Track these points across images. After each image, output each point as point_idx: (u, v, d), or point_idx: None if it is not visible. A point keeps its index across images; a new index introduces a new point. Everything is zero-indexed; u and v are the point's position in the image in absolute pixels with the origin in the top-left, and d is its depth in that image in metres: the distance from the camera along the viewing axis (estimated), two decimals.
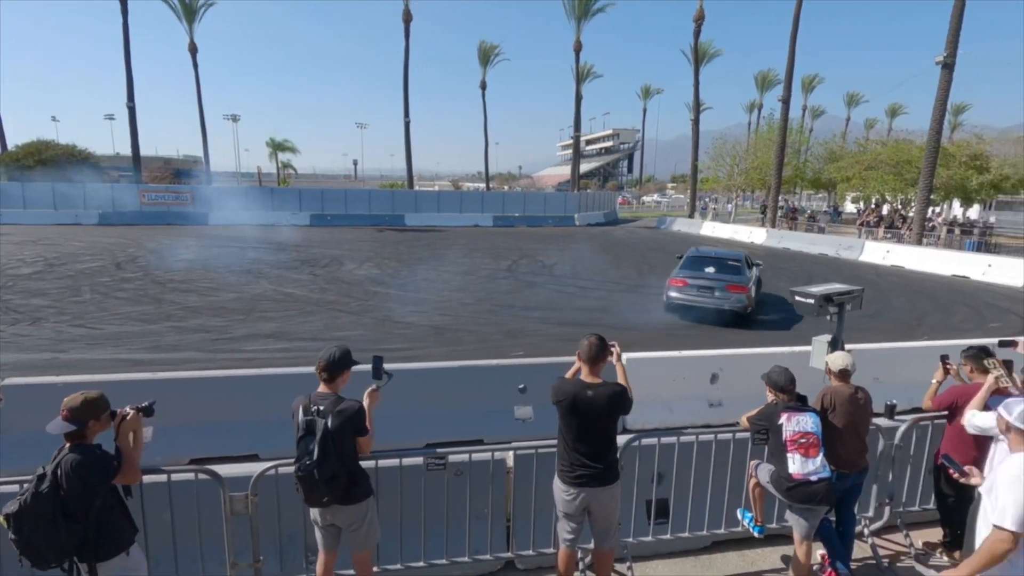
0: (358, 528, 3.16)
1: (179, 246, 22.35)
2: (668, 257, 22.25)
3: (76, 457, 2.59)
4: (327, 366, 3.08)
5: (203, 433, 5.61)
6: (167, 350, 8.96)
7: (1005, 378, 3.77)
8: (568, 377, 3.57)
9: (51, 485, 2.51)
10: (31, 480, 2.56)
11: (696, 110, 42.74)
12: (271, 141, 69.89)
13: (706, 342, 9.72)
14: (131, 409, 2.87)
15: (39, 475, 2.54)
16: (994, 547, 2.45)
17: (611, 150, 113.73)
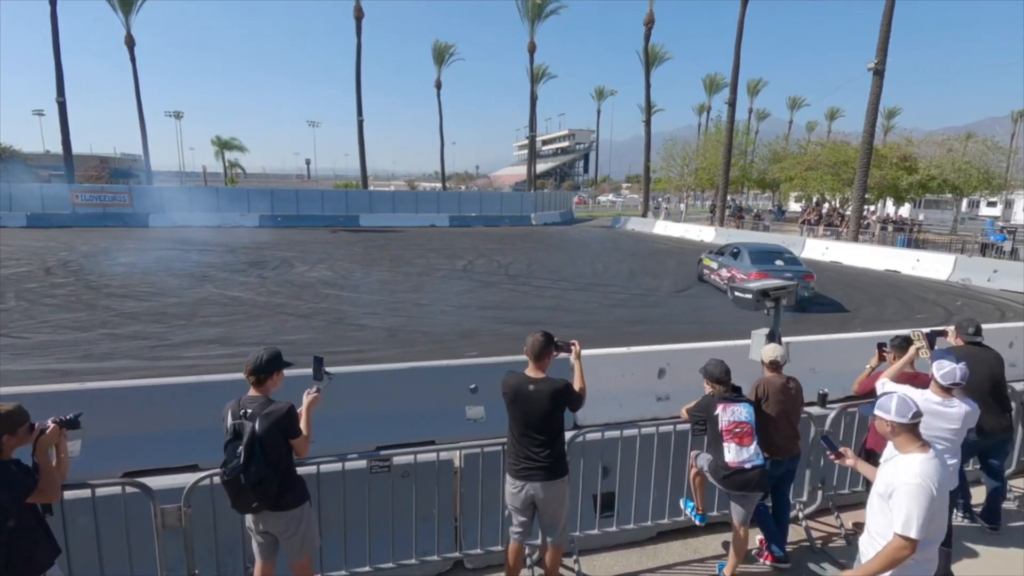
0: (292, 535, 3.07)
1: (116, 249, 21.24)
2: (623, 256, 22.73)
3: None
4: (255, 369, 3.00)
5: (138, 444, 5.36)
6: (100, 359, 8.50)
7: (926, 350, 4.07)
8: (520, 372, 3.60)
9: None
10: None
11: (648, 112, 43.74)
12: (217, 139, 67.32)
13: (654, 338, 9.96)
14: (52, 422, 2.70)
15: None
16: (896, 554, 2.48)
17: (567, 150, 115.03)
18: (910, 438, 2.60)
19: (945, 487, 2.57)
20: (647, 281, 16.98)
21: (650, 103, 44.03)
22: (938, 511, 2.50)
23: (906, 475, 2.50)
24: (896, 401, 2.61)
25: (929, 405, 3.39)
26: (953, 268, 18.35)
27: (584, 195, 78.40)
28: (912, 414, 2.58)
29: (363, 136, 45.85)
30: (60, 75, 37.36)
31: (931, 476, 2.48)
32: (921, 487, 2.45)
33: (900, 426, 2.59)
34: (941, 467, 2.56)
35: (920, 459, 2.53)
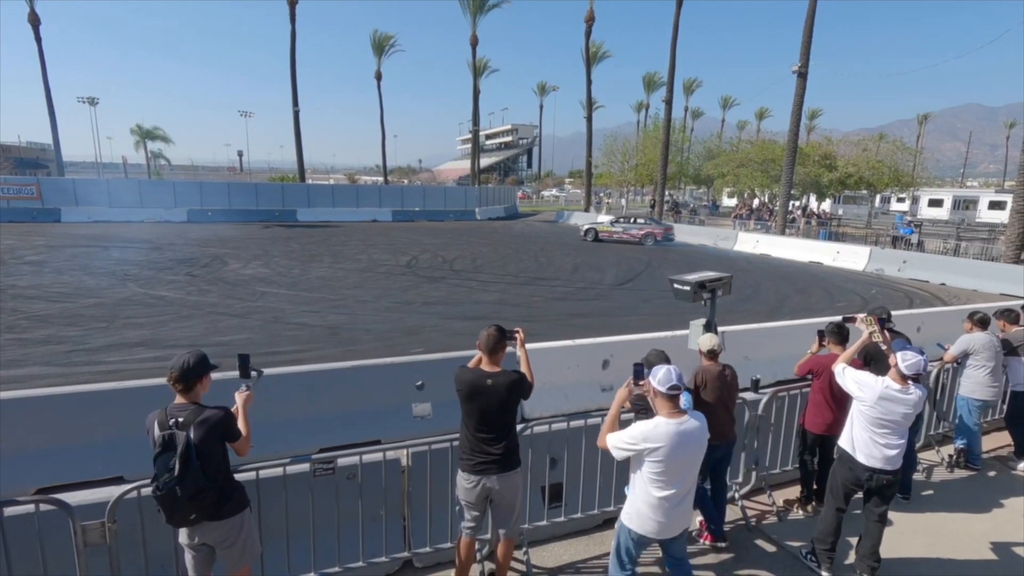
0: (232, 544, 2.93)
1: (22, 247, 19.50)
2: (566, 250, 23.07)
3: None
4: (181, 375, 2.79)
5: (53, 457, 4.96)
6: (7, 366, 7.79)
7: (877, 333, 4.36)
8: (470, 367, 3.57)
9: None
10: None
11: (589, 108, 44.47)
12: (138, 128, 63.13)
13: (598, 330, 10.17)
14: None
15: None
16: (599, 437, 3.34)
17: (510, 145, 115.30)
18: (666, 405, 3.01)
19: (679, 451, 2.96)
20: (590, 275, 17.31)
21: (591, 100, 44.75)
22: (646, 460, 2.97)
23: (644, 421, 3.05)
24: (663, 372, 3.00)
25: (889, 392, 3.63)
26: (868, 259, 19.79)
27: (528, 190, 78.92)
28: (670, 386, 2.97)
29: (299, 127, 44.11)
30: None
31: (656, 434, 2.94)
32: (642, 429, 2.98)
33: (660, 394, 3.00)
34: (676, 434, 2.95)
35: (662, 420, 2.98)
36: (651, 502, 3.02)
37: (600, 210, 43.79)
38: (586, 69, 44.19)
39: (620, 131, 46.82)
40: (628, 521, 3.16)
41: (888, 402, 3.63)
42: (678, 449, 2.95)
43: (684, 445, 2.97)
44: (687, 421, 3.01)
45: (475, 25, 48.44)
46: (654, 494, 3.00)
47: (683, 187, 60.83)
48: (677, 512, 3.09)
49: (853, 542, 4.11)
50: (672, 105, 35.25)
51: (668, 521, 3.07)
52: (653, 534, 3.10)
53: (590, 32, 43.17)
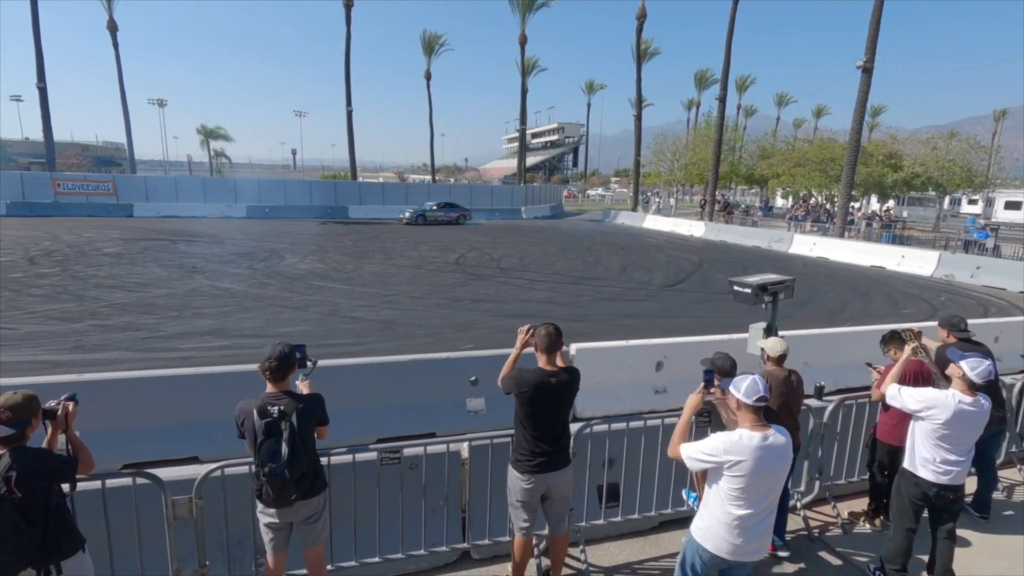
0: (316, 520, 3.14)
1: (101, 239, 20.88)
2: (613, 250, 22.85)
3: (33, 459, 2.48)
4: (279, 364, 2.97)
5: (137, 437, 5.31)
6: (92, 350, 8.38)
7: (922, 350, 4.15)
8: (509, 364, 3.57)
9: (4, 492, 2.35)
10: None
11: (639, 106, 43.81)
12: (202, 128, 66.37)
13: (647, 331, 10.05)
14: (64, 400, 2.76)
15: None
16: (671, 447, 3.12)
17: (556, 144, 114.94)
18: (750, 417, 2.79)
19: (762, 466, 2.72)
20: (639, 275, 17.09)
21: (641, 98, 44.09)
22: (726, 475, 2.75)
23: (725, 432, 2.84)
24: (748, 382, 2.80)
25: (963, 407, 3.38)
26: (937, 264, 18.70)
27: (573, 189, 78.51)
28: (757, 397, 2.75)
29: (352, 126, 45.37)
30: (41, 60, 36.48)
31: (739, 447, 2.71)
32: (724, 441, 2.75)
33: (745, 405, 2.78)
34: (760, 448, 2.72)
35: (745, 433, 2.75)
36: (728, 521, 2.79)
37: (648, 210, 43.11)
38: (636, 66, 43.56)
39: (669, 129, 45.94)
40: (700, 538, 2.92)
41: (961, 417, 3.42)
42: (762, 465, 2.72)
43: (769, 461, 2.74)
44: (773, 435, 2.77)
45: (524, 24, 48.53)
46: (732, 512, 2.77)
47: (734, 187, 59.12)
48: (755, 533, 2.84)
49: (923, 559, 3.93)
50: (726, 103, 34.31)
51: (744, 543, 2.82)
52: (727, 555, 2.85)
53: (641, 29, 42.51)
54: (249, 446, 2.99)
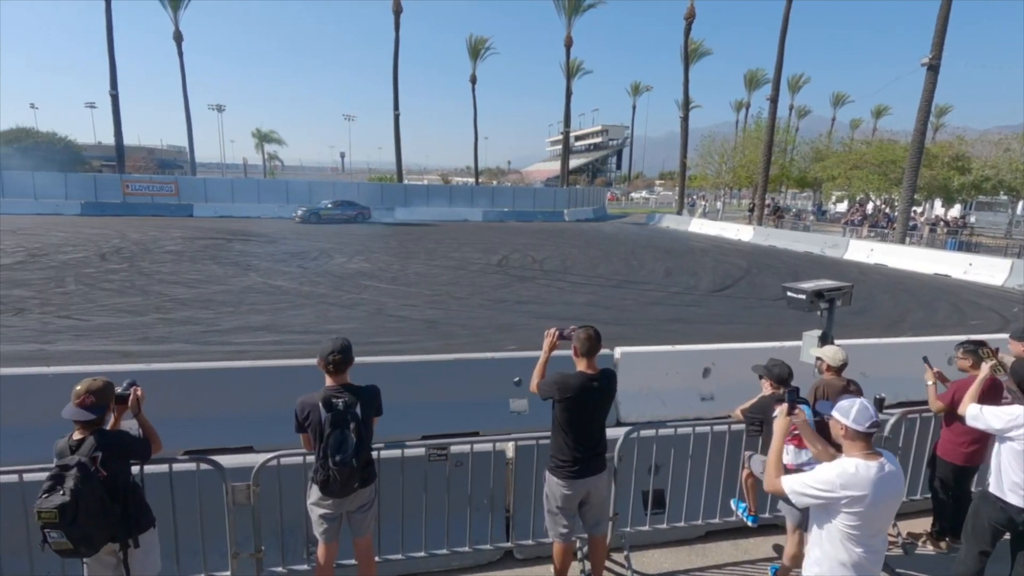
0: (368, 509, 3.27)
1: (164, 238, 22.04)
2: (658, 254, 22.47)
3: (115, 439, 2.72)
4: (344, 358, 3.08)
5: (197, 425, 5.57)
6: (156, 342, 8.87)
7: (999, 367, 3.89)
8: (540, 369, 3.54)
9: (93, 471, 2.55)
10: (52, 470, 2.55)
11: (685, 108, 42.95)
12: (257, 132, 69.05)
13: (694, 336, 9.84)
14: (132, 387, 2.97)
15: (78, 463, 2.54)
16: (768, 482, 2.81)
17: (600, 146, 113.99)
18: (860, 445, 2.55)
19: (880, 499, 2.48)
20: (684, 279, 16.75)
21: (688, 99, 43.22)
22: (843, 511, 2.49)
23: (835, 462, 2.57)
24: (858, 407, 2.56)
25: None
26: (1010, 273, 17.53)
27: (617, 191, 77.66)
28: (871, 423, 2.52)
29: (399, 130, 46.30)
30: (113, 69, 38.84)
31: (856, 480, 2.46)
32: (839, 473, 2.49)
33: (856, 432, 2.53)
34: (878, 479, 2.47)
35: (860, 463, 2.50)
36: (853, 560, 2.54)
37: (694, 213, 42.19)
38: (684, 67, 42.74)
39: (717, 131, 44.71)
40: None
41: None
42: (881, 496, 2.48)
43: (887, 492, 2.51)
44: (887, 463, 2.54)
45: (570, 26, 48.39)
46: (855, 550, 2.53)
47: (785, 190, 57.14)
48: (877, 570, 2.62)
49: None
50: (778, 103, 33.22)
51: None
52: None
53: (689, 29, 41.72)
54: (313, 439, 3.08)
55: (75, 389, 2.67)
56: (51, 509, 2.42)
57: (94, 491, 2.53)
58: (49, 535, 2.44)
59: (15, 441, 5.04)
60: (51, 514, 2.42)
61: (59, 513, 2.42)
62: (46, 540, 2.46)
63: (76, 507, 2.46)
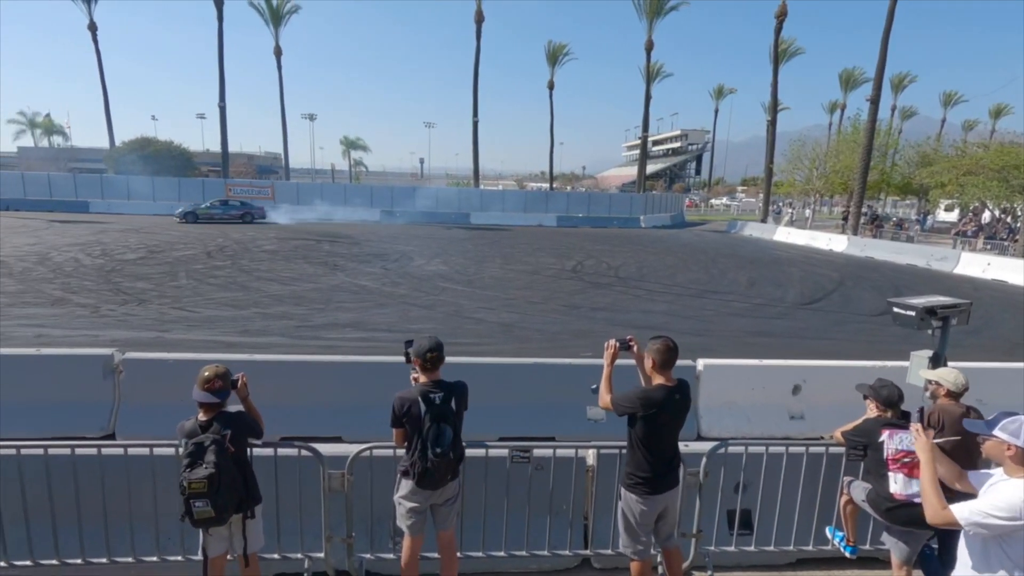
0: (454, 502, 3.39)
1: (261, 238, 23.77)
2: (741, 263, 21.51)
3: (239, 419, 3.04)
4: (437, 356, 3.21)
5: (291, 413, 5.93)
6: (255, 334, 9.58)
7: None
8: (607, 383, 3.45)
9: (225, 447, 2.87)
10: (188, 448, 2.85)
11: (773, 110, 40.86)
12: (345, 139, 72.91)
13: (780, 351, 9.32)
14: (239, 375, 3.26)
15: (214, 440, 2.86)
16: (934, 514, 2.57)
17: (678, 151, 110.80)
18: None
19: None
20: (769, 291, 15.91)
21: (777, 101, 41.09)
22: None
23: (1015, 486, 2.29)
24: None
25: None
26: None
27: (695, 198, 75.15)
28: None
29: (477, 137, 47.35)
30: (223, 83, 42.47)
31: None
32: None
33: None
34: None
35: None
36: None
37: (780, 221, 39.97)
38: (773, 68, 40.66)
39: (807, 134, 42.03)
40: None
41: None
42: None
43: None
44: None
45: (651, 29, 47.49)
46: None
47: (884, 197, 52.89)
48: None
49: None
50: (879, 104, 30.87)
51: None
52: None
53: (780, 29, 39.67)
54: (410, 433, 3.19)
55: (203, 375, 2.95)
56: (201, 479, 2.72)
57: (229, 465, 2.82)
58: (194, 505, 2.74)
59: (139, 416, 5.63)
60: (201, 484, 2.72)
61: (207, 483, 2.72)
62: (189, 511, 2.76)
63: (219, 479, 2.77)
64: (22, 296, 11.77)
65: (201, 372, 2.97)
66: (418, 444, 3.12)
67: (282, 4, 48.01)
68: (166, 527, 3.62)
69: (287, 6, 48.30)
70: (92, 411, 5.62)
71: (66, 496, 3.51)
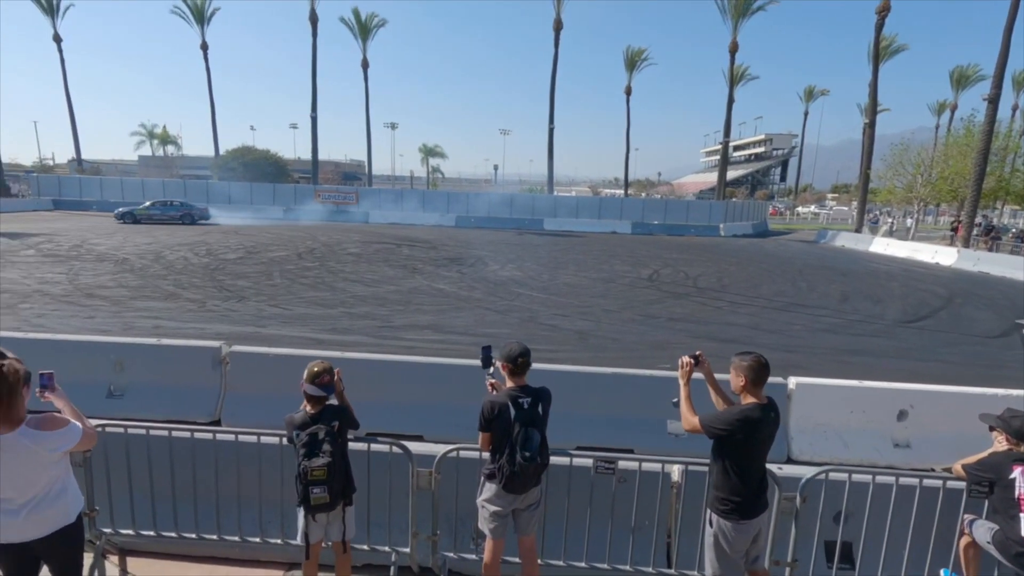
0: (537, 507, 3.41)
1: (346, 241, 25.03)
2: (832, 275, 20.15)
3: (343, 412, 3.26)
4: (526, 361, 3.26)
5: (376, 410, 6.16)
6: (342, 332, 10.08)
7: None
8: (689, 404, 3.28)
9: (336, 438, 3.10)
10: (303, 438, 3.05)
11: (872, 112, 38.05)
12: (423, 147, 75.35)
13: (880, 372, 8.62)
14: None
15: (327, 431, 3.08)
16: None
17: (761, 156, 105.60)
18: None
19: None
20: (865, 306, 14.79)
21: (876, 102, 38.22)
22: None
23: None
24: None
25: None
26: None
27: (780, 205, 71.26)
28: None
29: (552, 143, 47.48)
30: (315, 95, 45.26)
31: None
32: None
33: None
34: None
35: None
36: None
37: (877, 231, 37.08)
38: (872, 67, 37.87)
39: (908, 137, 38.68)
40: None
41: None
42: None
43: None
44: None
45: (735, 31, 45.74)
46: None
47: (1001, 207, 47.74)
48: None
49: None
50: (998, 104, 27.95)
51: None
52: None
53: (882, 25, 36.88)
54: (499, 436, 3.22)
55: (313, 370, 3.15)
56: (321, 467, 2.94)
57: (339, 455, 3.03)
58: (312, 491, 2.95)
59: (240, 405, 6.08)
60: (321, 472, 2.94)
61: (326, 471, 2.94)
62: (307, 496, 2.96)
63: (335, 467, 2.97)
64: (141, 290, 13.07)
65: (310, 367, 3.17)
66: (507, 448, 3.16)
67: (370, 19, 50.57)
68: (268, 511, 3.89)
69: (375, 20, 50.79)
70: (202, 398, 6.14)
71: (184, 474, 3.85)
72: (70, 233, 24.11)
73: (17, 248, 19.21)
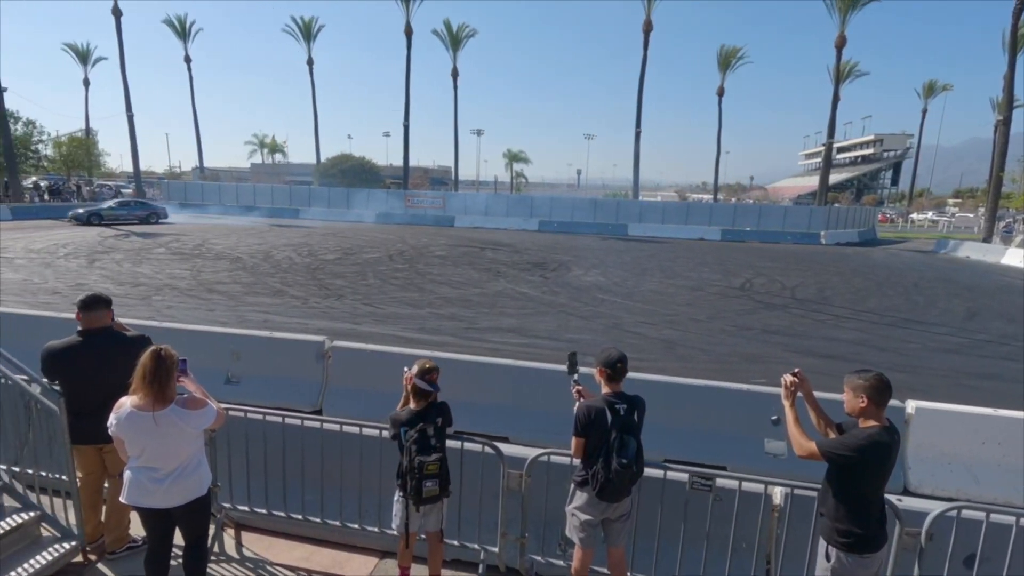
0: (628, 519, 3.35)
1: (433, 244, 25.92)
2: (954, 289, 18.19)
3: (446, 410, 3.41)
4: (623, 367, 3.25)
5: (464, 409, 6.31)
6: (430, 332, 10.44)
7: None
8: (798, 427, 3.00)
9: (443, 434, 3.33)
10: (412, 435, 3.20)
11: (1008, 107, 33.88)
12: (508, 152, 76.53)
13: (1015, 400, 7.63)
14: None
15: (435, 427, 3.28)
16: None
17: (869, 158, 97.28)
18: None
19: None
20: (996, 325, 13.19)
21: (1012, 96, 34.04)
22: None
23: None
24: None
25: None
26: None
27: (891, 211, 65.28)
28: None
29: (639, 147, 46.54)
30: (407, 104, 47.37)
31: None
32: None
33: None
34: None
35: None
36: None
37: (1010, 241, 32.94)
38: (1009, 57, 33.80)
39: None
40: None
41: None
42: None
43: None
44: None
45: (844, 24, 42.54)
46: None
47: None
48: None
49: None
50: None
51: None
52: None
53: (1021, 10, 32.85)
54: (592, 443, 3.18)
55: (424, 366, 3.32)
56: (435, 462, 3.10)
57: (444, 450, 3.14)
58: (425, 484, 3.10)
59: (340, 397, 6.46)
60: (435, 466, 3.11)
61: (440, 465, 3.10)
62: (419, 489, 3.11)
63: (445, 461, 3.13)
64: (253, 287, 14.27)
65: (421, 363, 3.34)
66: (602, 453, 3.12)
67: (461, 29, 52.19)
68: (367, 499, 4.09)
69: (465, 31, 52.35)
70: (306, 388, 6.59)
71: (294, 458, 4.15)
72: (194, 234, 26.82)
73: (151, 246, 21.65)
